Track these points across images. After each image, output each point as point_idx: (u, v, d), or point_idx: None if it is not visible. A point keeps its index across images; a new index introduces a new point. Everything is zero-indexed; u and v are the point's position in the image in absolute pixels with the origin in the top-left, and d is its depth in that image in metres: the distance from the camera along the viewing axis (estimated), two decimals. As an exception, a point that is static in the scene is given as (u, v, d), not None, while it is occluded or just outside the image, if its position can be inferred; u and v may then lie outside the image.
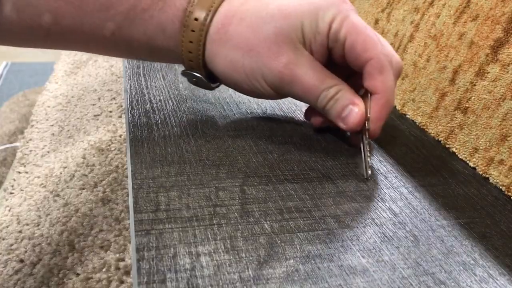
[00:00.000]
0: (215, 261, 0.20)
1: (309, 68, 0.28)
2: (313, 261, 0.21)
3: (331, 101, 0.28)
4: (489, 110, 0.30)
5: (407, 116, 0.38)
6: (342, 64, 0.29)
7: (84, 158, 0.68)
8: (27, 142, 0.80)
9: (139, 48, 0.29)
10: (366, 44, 0.27)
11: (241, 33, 0.28)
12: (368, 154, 0.28)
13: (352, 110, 0.28)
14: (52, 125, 0.84)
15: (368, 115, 0.28)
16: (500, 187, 0.29)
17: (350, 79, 0.30)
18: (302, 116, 0.35)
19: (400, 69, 0.29)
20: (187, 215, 0.22)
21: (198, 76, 0.30)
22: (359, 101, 0.28)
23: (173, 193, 0.24)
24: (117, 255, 0.49)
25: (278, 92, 0.29)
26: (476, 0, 0.33)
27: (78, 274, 0.48)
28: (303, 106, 0.36)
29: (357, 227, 0.23)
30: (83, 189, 0.61)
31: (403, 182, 0.28)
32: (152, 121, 0.31)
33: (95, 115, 0.81)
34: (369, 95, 0.28)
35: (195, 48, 0.29)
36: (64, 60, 1.16)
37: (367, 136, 0.28)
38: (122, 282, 0.47)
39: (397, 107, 0.39)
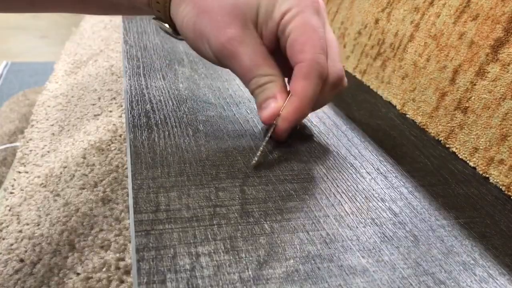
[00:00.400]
0: (215, 262, 0.20)
1: (251, 50, 0.27)
2: (313, 261, 0.21)
3: (259, 89, 0.28)
4: (489, 110, 0.30)
5: (407, 115, 0.38)
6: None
7: (84, 157, 0.68)
8: (27, 142, 0.80)
9: (120, 4, 0.31)
10: (304, 46, 0.27)
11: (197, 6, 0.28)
12: (262, 147, 0.28)
13: (270, 104, 0.28)
14: (52, 125, 0.84)
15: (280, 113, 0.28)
16: (500, 187, 0.29)
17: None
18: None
19: (337, 81, 0.29)
20: (187, 215, 0.22)
21: (165, 26, 0.31)
22: (281, 97, 0.28)
23: (173, 193, 0.24)
24: (117, 255, 0.49)
25: (219, 61, 0.30)
26: (476, 0, 0.33)
27: (78, 274, 0.48)
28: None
29: (357, 227, 0.23)
30: (83, 188, 0.61)
31: (403, 182, 0.28)
32: (152, 121, 0.31)
33: (95, 115, 0.81)
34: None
35: (162, 1, 0.29)
36: (64, 60, 1.16)
37: (272, 131, 0.29)
38: (122, 281, 0.47)
39: (397, 107, 0.39)
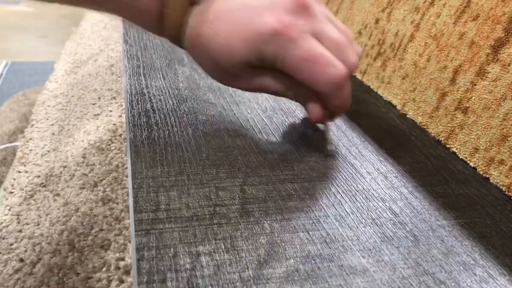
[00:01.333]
0: (215, 261, 0.20)
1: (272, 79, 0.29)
2: (313, 261, 0.21)
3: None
4: (490, 110, 0.30)
5: (408, 116, 0.38)
6: None
7: (84, 157, 0.68)
8: (27, 142, 0.80)
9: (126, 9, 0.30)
10: (314, 78, 0.27)
11: (204, 60, 0.29)
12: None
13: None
14: (52, 125, 0.84)
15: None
16: (501, 187, 0.29)
17: None
18: (302, 116, 0.35)
19: (354, 67, 0.29)
20: (187, 214, 0.22)
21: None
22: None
23: (173, 192, 0.24)
24: (117, 255, 0.49)
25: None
26: (477, 0, 0.33)
27: (78, 274, 0.48)
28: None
29: (357, 227, 0.23)
30: (83, 188, 0.61)
31: (403, 182, 0.28)
32: (152, 121, 0.31)
33: (95, 115, 0.81)
34: None
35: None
36: (64, 60, 1.16)
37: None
38: (122, 281, 0.47)
39: (397, 107, 0.39)
